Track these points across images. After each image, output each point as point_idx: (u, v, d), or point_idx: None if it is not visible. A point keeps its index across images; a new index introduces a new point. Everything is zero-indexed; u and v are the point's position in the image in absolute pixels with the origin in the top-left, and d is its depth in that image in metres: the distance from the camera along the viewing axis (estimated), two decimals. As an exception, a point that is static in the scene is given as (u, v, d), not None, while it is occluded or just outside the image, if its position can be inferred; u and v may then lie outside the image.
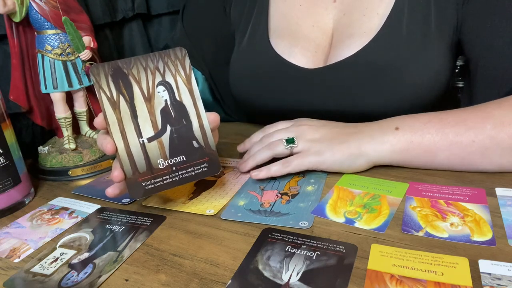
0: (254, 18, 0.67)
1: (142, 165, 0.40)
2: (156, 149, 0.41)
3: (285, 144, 0.49)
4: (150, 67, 0.41)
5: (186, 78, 0.42)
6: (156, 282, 0.34)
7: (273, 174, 0.49)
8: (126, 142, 0.40)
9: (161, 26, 0.87)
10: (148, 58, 0.41)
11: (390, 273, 0.32)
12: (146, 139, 0.40)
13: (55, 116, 0.59)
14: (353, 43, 0.57)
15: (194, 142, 0.42)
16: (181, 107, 0.42)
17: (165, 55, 0.42)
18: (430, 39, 0.55)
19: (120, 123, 0.39)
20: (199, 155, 0.42)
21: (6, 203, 0.48)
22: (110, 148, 0.39)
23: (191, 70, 0.43)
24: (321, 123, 0.52)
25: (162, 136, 0.41)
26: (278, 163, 0.49)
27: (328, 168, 0.48)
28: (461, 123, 0.45)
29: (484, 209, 0.40)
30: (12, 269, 0.38)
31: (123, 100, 0.40)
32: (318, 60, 0.61)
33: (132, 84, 0.40)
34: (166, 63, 0.42)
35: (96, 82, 0.39)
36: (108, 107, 0.39)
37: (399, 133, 0.47)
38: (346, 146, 0.47)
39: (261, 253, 0.36)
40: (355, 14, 0.59)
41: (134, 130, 0.40)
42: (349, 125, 0.51)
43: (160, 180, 0.41)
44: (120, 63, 0.40)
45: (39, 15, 0.53)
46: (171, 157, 0.41)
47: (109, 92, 0.39)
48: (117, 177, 0.40)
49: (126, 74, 0.40)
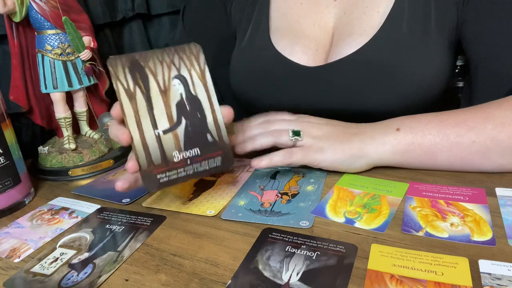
0: (255, 16, 0.67)
1: (157, 157, 0.40)
2: (171, 141, 0.40)
3: (290, 135, 0.48)
4: (166, 61, 0.41)
5: (201, 73, 0.43)
6: (156, 282, 0.34)
7: (274, 164, 0.47)
8: (142, 133, 0.39)
9: (161, 26, 0.87)
10: (164, 52, 0.42)
11: (390, 273, 0.32)
12: (161, 131, 0.40)
13: (55, 116, 0.59)
14: (354, 42, 0.57)
15: (209, 136, 0.42)
16: (196, 100, 0.42)
17: (180, 50, 0.42)
18: (430, 38, 0.55)
19: (137, 114, 0.39)
20: (213, 149, 0.42)
21: (6, 203, 0.48)
22: (125, 138, 0.39)
23: (205, 65, 0.43)
24: (325, 121, 0.51)
25: (177, 129, 0.41)
26: (280, 153, 0.47)
27: (327, 166, 0.48)
28: (461, 123, 0.45)
29: (484, 209, 0.40)
30: (12, 269, 0.38)
31: (140, 92, 0.40)
32: (319, 58, 0.61)
33: (148, 77, 0.41)
34: (181, 57, 0.42)
35: (114, 73, 0.39)
36: (125, 98, 0.39)
37: (400, 134, 0.47)
38: (348, 146, 0.47)
39: (261, 253, 0.36)
40: (355, 13, 0.59)
41: (150, 122, 0.40)
42: (351, 125, 0.51)
43: (174, 172, 0.41)
44: (137, 56, 0.41)
45: (39, 15, 0.53)
46: (186, 150, 0.41)
47: (126, 84, 0.40)
48: (131, 168, 0.39)
49: (142, 67, 0.40)
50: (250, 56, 0.65)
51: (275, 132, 0.49)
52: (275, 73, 0.62)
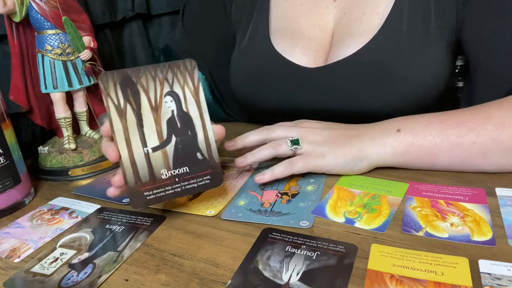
0: (255, 17, 0.67)
1: (145, 174, 0.40)
2: (160, 159, 0.40)
3: (289, 145, 0.48)
4: (159, 77, 0.41)
5: (194, 90, 0.42)
6: (156, 282, 0.34)
7: (277, 176, 0.47)
8: (130, 150, 0.39)
9: (161, 26, 0.87)
10: (157, 68, 0.41)
11: (390, 273, 0.32)
12: (150, 149, 0.40)
13: (55, 116, 0.59)
14: (353, 42, 0.57)
15: (198, 154, 0.42)
16: (188, 118, 0.42)
17: (175, 66, 0.42)
18: (430, 38, 0.55)
19: (126, 131, 0.39)
20: (202, 167, 0.42)
21: (6, 203, 0.48)
22: (114, 155, 0.39)
23: (199, 82, 0.43)
24: (323, 125, 0.51)
25: (167, 147, 0.41)
26: (281, 164, 0.48)
27: (330, 171, 0.48)
28: (462, 124, 0.45)
29: (484, 209, 0.40)
30: (12, 269, 0.38)
31: (130, 108, 0.40)
32: (319, 59, 0.61)
33: (140, 93, 0.40)
34: (175, 74, 0.42)
35: (104, 90, 0.39)
36: (114, 115, 0.39)
37: (400, 135, 0.46)
38: (349, 149, 0.47)
39: (261, 253, 0.36)
40: (355, 13, 0.59)
41: (139, 139, 0.40)
42: (350, 127, 0.51)
43: (162, 190, 0.41)
44: (129, 72, 0.40)
45: (39, 15, 0.53)
46: (175, 168, 0.41)
47: (116, 100, 0.39)
48: (116, 182, 0.40)
49: (134, 83, 0.40)
50: (250, 57, 0.65)
51: (274, 144, 0.49)
52: (275, 74, 0.62)
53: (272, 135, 0.50)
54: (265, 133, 0.51)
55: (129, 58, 0.84)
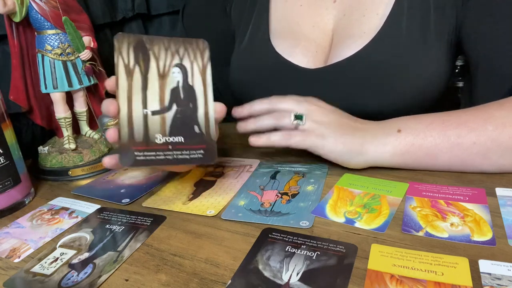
0: (254, 18, 0.67)
1: (140, 134, 0.40)
2: (157, 123, 0.41)
3: (292, 119, 0.48)
4: (171, 49, 0.42)
5: (202, 68, 0.43)
6: (156, 282, 0.34)
7: (272, 143, 0.47)
8: (130, 108, 0.40)
9: (161, 26, 0.87)
10: (171, 41, 0.42)
11: (390, 273, 0.32)
12: (150, 111, 0.41)
13: (55, 116, 0.59)
14: (353, 43, 0.57)
15: (196, 127, 0.42)
16: (191, 91, 0.42)
17: (188, 42, 0.43)
18: (429, 39, 0.55)
19: (130, 90, 0.40)
20: (197, 141, 0.42)
21: (6, 203, 0.48)
22: (113, 109, 0.39)
23: (209, 61, 0.44)
24: (332, 109, 0.51)
25: (166, 113, 0.41)
26: (279, 133, 0.47)
27: (325, 154, 0.48)
28: (462, 124, 0.45)
29: (484, 209, 0.40)
30: (12, 269, 0.38)
31: (138, 71, 0.41)
32: (319, 60, 0.61)
33: (150, 59, 0.41)
34: (187, 49, 0.43)
35: (117, 48, 0.40)
36: (122, 73, 0.40)
37: (401, 135, 0.46)
38: (350, 140, 0.47)
39: (261, 253, 0.36)
40: (355, 15, 0.59)
41: (141, 100, 0.40)
42: (357, 120, 0.51)
43: (153, 154, 0.41)
44: (144, 38, 0.41)
45: (39, 15, 0.53)
46: (170, 135, 0.41)
47: (127, 60, 0.40)
48: (111, 135, 0.40)
49: (147, 49, 0.41)
50: (250, 57, 0.65)
51: (277, 114, 0.49)
52: (275, 75, 0.62)
53: (279, 105, 0.50)
54: (273, 103, 0.50)
55: (129, 58, 0.84)
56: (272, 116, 0.49)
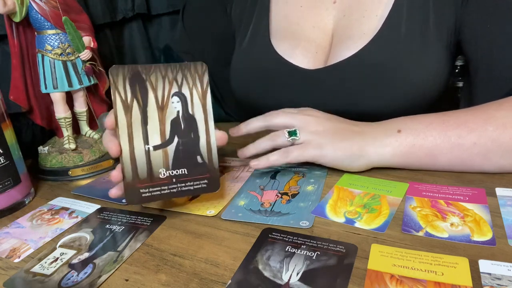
0: (255, 18, 0.67)
1: (143, 171, 0.40)
2: (160, 158, 0.41)
3: (286, 136, 0.48)
4: (169, 77, 0.41)
5: (202, 93, 0.42)
6: (156, 282, 0.34)
7: (271, 163, 0.48)
8: (132, 146, 0.40)
9: (161, 26, 0.87)
10: (168, 68, 0.41)
11: (390, 273, 0.32)
12: (152, 147, 0.40)
13: (55, 116, 0.59)
14: (353, 44, 0.57)
15: (199, 157, 0.42)
16: (192, 121, 0.42)
17: (185, 67, 0.42)
18: (428, 40, 0.55)
19: (130, 127, 0.39)
20: (201, 171, 0.42)
21: (6, 203, 0.48)
22: (115, 149, 0.39)
23: (208, 86, 0.43)
24: (327, 116, 0.51)
25: (168, 147, 0.41)
26: (277, 152, 0.48)
27: (327, 163, 0.48)
28: (462, 125, 0.45)
29: (484, 209, 0.40)
30: (12, 269, 0.38)
31: (137, 105, 0.40)
32: (319, 61, 0.61)
33: (148, 91, 0.40)
34: (185, 75, 0.42)
35: (113, 83, 0.39)
36: (120, 110, 0.39)
37: (401, 136, 0.46)
38: (349, 144, 0.47)
39: (261, 253, 0.36)
40: (354, 15, 0.59)
41: (141, 136, 0.40)
42: (353, 123, 0.51)
43: (158, 189, 0.41)
44: (140, 68, 0.40)
45: (39, 15, 0.53)
46: (173, 169, 0.41)
47: (124, 95, 0.39)
48: (115, 177, 0.40)
49: (144, 80, 0.40)
50: (250, 58, 0.65)
51: (272, 136, 0.50)
52: (276, 76, 0.62)
53: (273, 121, 0.50)
54: (267, 120, 0.51)
55: (129, 58, 0.84)
56: (267, 139, 0.50)
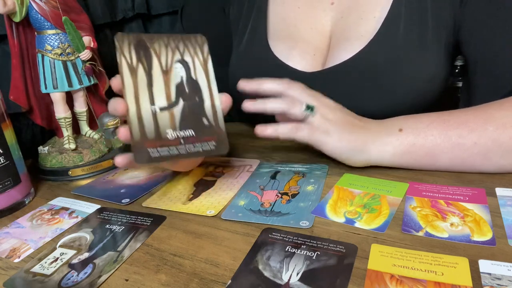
0: (252, 20, 0.67)
1: (151, 131, 0.40)
2: (166, 119, 0.41)
3: (304, 108, 0.46)
4: (171, 45, 0.43)
5: (204, 61, 0.44)
6: (156, 282, 0.34)
7: (279, 134, 0.46)
8: (138, 106, 0.40)
9: (161, 26, 0.87)
10: (170, 38, 0.43)
11: (390, 273, 0.32)
12: (158, 108, 0.41)
13: (55, 116, 0.59)
14: (350, 46, 0.57)
15: (204, 119, 0.43)
16: (196, 85, 0.43)
17: (186, 38, 0.44)
18: (427, 41, 0.55)
19: (136, 88, 0.40)
20: (208, 132, 0.42)
21: (6, 203, 0.48)
22: (121, 108, 0.39)
23: (209, 55, 0.44)
24: (338, 106, 0.50)
25: (174, 108, 0.41)
26: (287, 125, 0.46)
27: (328, 151, 0.48)
28: (463, 124, 0.45)
29: (484, 209, 0.40)
30: (12, 269, 0.38)
31: (142, 68, 0.41)
32: (317, 63, 0.61)
33: (152, 56, 0.41)
34: (186, 45, 0.43)
35: (119, 48, 0.40)
36: (126, 72, 0.40)
37: (402, 135, 0.46)
38: (354, 137, 0.47)
39: (261, 253, 0.36)
40: (352, 17, 0.59)
41: (148, 97, 0.40)
42: (360, 118, 0.50)
43: (166, 149, 0.41)
44: (144, 37, 0.42)
45: (39, 15, 0.53)
46: (181, 129, 0.41)
47: (129, 58, 0.40)
48: (123, 134, 0.39)
49: (147, 47, 0.42)
50: (248, 60, 0.65)
51: (289, 100, 0.47)
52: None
53: (289, 91, 0.48)
54: (283, 87, 0.48)
55: (129, 58, 0.84)
56: (283, 101, 0.47)
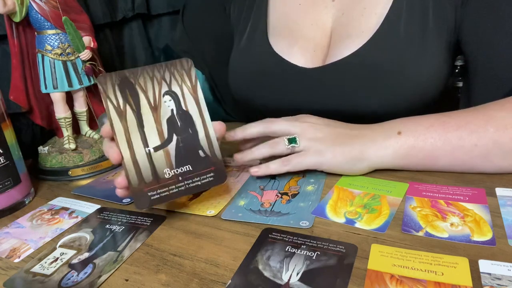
0: (253, 17, 0.67)
1: (148, 174, 0.40)
2: (162, 158, 0.40)
3: (286, 144, 0.48)
4: (157, 77, 0.41)
5: (192, 88, 0.42)
6: (156, 282, 0.34)
7: (271, 172, 0.48)
8: (132, 151, 0.39)
9: (161, 26, 0.87)
10: (154, 68, 0.41)
11: (390, 273, 0.32)
12: (152, 149, 0.40)
13: (55, 116, 0.59)
14: (351, 43, 0.57)
15: (200, 152, 0.42)
16: (187, 116, 0.42)
17: (172, 65, 0.42)
18: (428, 39, 0.55)
19: (127, 132, 0.39)
20: (205, 164, 0.42)
21: (6, 203, 0.48)
22: (116, 157, 0.39)
23: (197, 80, 0.43)
24: (325, 122, 0.51)
25: (168, 146, 0.41)
26: (277, 161, 0.48)
27: (328, 169, 0.48)
28: (463, 126, 0.44)
29: (484, 209, 0.40)
30: (12, 269, 0.38)
31: (130, 109, 0.40)
32: (317, 59, 0.61)
33: (138, 94, 0.40)
34: (173, 73, 0.42)
35: (103, 92, 0.39)
36: (115, 116, 0.39)
37: (401, 138, 0.46)
38: (348, 149, 0.47)
39: (261, 253, 0.36)
40: (353, 13, 0.59)
41: (140, 139, 0.40)
42: (352, 126, 0.50)
43: (166, 190, 0.40)
44: (127, 73, 0.40)
45: (39, 15, 0.53)
46: (177, 167, 0.41)
47: (115, 102, 0.39)
48: (120, 183, 0.40)
49: (133, 84, 0.40)
50: (248, 57, 0.65)
51: (271, 143, 0.49)
52: (274, 75, 0.62)
53: (272, 128, 0.50)
54: (265, 126, 0.50)
55: (129, 58, 0.84)
56: (267, 145, 0.49)
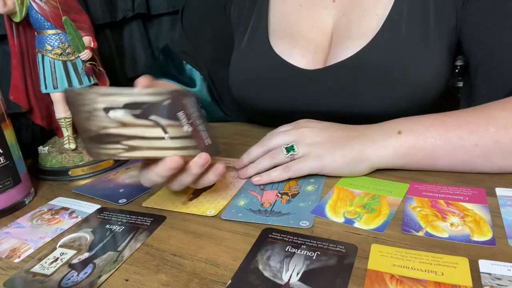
0: (253, 18, 0.67)
1: (187, 143, 0.40)
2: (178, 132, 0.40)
3: (285, 153, 0.49)
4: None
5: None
6: (156, 282, 0.34)
7: (273, 180, 0.49)
8: (163, 149, 0.39)
9: (161, 26, 0.87)
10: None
11: (390, 273, 0.32)
12: (168, 137, 0.40)
13: (55, 116, 0.59)
14: (352, 44, 0.57)
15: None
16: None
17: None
18: (429, 40, 0.55)
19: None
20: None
21: (6, 203, 0.48)
22: (175, 161, 0.39)
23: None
24: (323, 126, 0.51)
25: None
26: (279, 168, 0.49)
27: (329, 173, 0.48)
28: (464, 126, 0.44)
29: (484, 209, 0.40)
30: (12, 269, 0.38)
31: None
32: (318, 61, 0.61)
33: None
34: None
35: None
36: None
37: (401, 137, 0.46)
38: (348, 151, 0.47)
39: (261, 253, 0.36)
40: (354, 15, 0.59)
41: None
42: (351, 128, 0.50)
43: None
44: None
45: (39, 15, 0.53)
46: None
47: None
48: (175, 162, 0.39)
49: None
50: (249, 58, 0.65)
51: (272, 154, 0.50)
52: (274, 76, 0.62)
53: (271, 144, 0.51)
54: (264, 144, 0.52)
55: (129, 58, 0.84)
56: (267, 158, 0.50)
